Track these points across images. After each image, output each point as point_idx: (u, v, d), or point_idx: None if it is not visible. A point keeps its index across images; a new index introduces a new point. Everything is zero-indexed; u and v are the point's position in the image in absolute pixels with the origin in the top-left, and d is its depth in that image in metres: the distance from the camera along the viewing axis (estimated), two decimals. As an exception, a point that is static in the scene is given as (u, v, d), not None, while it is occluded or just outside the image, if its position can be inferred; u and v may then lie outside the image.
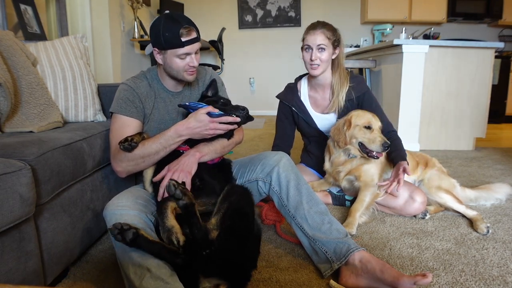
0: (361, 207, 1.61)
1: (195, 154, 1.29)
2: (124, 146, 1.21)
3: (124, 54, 4.16)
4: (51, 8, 3.12)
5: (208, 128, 1.24)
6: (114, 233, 0.98)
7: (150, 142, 1.26)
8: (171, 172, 1.23)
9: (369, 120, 1.63)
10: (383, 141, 1.58)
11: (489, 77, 3.14)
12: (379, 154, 1.62)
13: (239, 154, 3.00)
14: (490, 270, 1.24)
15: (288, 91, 1.98)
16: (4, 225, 0.88)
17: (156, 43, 1.31)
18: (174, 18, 1.27)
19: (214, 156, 1.35)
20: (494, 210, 1.77)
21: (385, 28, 5.15)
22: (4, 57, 1.37)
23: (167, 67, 1.36)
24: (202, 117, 1.23)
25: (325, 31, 1.74)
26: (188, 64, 1.32)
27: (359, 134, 1.64)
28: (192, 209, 1.04)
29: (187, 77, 1.37)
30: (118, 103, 1.36)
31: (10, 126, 1.34)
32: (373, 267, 1.12)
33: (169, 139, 1.26)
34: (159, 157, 1.28)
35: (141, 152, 1.25)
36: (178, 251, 1.03)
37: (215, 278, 1.04)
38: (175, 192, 1.01)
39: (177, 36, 1.25)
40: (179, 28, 1.25)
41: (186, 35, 1.27)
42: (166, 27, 1.26)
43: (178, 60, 1.31)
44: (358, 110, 1.73)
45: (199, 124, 1.23)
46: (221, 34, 4.83)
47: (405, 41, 2.95)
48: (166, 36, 1.26)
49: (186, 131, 1.25)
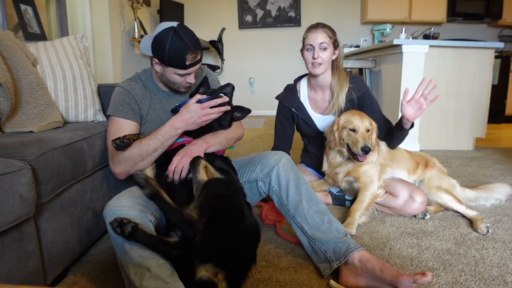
0: (360, 207, 1.61)
1: (202, 144, 1.31)
2: (117, 144, 1.22)
3: (124, 54, 4.16)
4: (51, 8, 3.12)
5: (201, 115, 1.28)
6: (113, 226, 1.01)
7: (147, 139, 1.27)
8: (179, 157, 1.25)
9: (354, 123, 1.61)
10: (363, 144, 1.55)
11: (489, 77, 3.14)
12: (361, 157, 1.59)
13: (239, 154, 2.99)
14: (490, 270, 1.24)
15: (287, 92, 1.98)
16: (4, 225, 0.88)
17: (159, 56, 1.31)
18: (182, 37, 1.27)
19: (219, 147, 1.38)
20: (494, 210, 1.78)
21: (385, 28, 5.15)
22: (4, 57, 1.37)
23: (164, 78, 1.39)
24: (193, 106, 1.27)
25: (326, 30, 1.76)
26: (186, 80, 1.37)
27: (345, 136, 1.64)
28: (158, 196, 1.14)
29: (182, 90, 1.44)
30: (114, 105, 1.38)
31: (10, 126, 1.34)
32: (373, 266, 1.12)
33: (166, 134, 1.28)
34: (157, 154, 1.29)
35: (139, 150, 1.25)
36: (174, 244, 1.04)
37: (212, 265, 1.02)
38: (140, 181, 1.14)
39: (182, 60, 1.28)
40: (186, 52, 1.27)
41: (191, 60, 1.30)
42: (172, 46, 1.26)
43: (177, 76, 1.35)
44: (348, 111, 1.73)
45: (191, 114, 1.27)
46: (221, 34, 4.83)
47: (405, 41, 2.95)
48: (172, 56, 1.27)
49: (181, 123, 1.28)
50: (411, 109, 1.62)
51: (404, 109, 1.63)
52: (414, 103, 1.61)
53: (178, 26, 1.29)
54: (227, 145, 1.43)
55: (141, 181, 1.14)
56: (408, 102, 1.62)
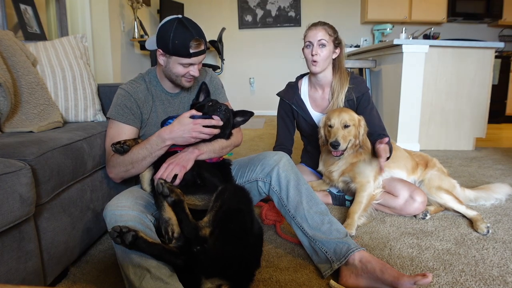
0: (358, 209, 1.61)
1: (193, 151, 1.29)
2: (116, 148, 1.22)
3: (124, 54, 4.16)
4: (51, 8, 3.12)
5: (191, 130, 1.22)
6: (113, 236, 0.99)
7: (138, 148, 1.26)
8: (167, 164, 1.23)
9: (331, 119, 1.63)
10: (334, 139, 1.57)
11: (489, 77, 3.14)
12: (334, 152, 1.60)
13: (239, 154, 2.99)
14: (490, 270, 1.24)
15: (288, 89, 1.99)
16: (4, 225, 0.88)
17: (163, 45, 1.30)
18: (186, 25, 1.26)
19: (212, 155, 1.34)
20: (494, 210, 1.77)
21: (385, 28, 5.15)
22: (4, 57, 1.37)
23: (167, 70, 1.36)
24: (186, 120, 1.22)
25: (326, 28, 1.76)
26: (189, 72, 1.34)
27: (327, 133, 1.67)
28: (181, 205, 1.08)
29: (185, 83, 1.39)
30: (115, 109, 1.37)
31: (10, 126, 1.34)
32: (373, 267, 1.12)
33: (153, 144, 1.25)
34: (146, 163, 1.27)
35: (130, 157, 1.26)
36: (178, 252, 1.03)
37: (217, 278, 1.04)
38: (163, 190, 1.06)
39: (186, 46, 1.26)
40: (190, 39, 1.25)
41: (195, 47, 1.28)
42: (177, 33, 1.25)
43: (181, 67, 1.32)
44: (332, 109, 1.74)
45: (182, 128, 1.22)
46: (221, 34, 4.83)
47: (405, 41, 2.94)
48: (176, 43, 1.26)
49: (169, 135, 1.23)
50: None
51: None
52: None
53: (182, 17, 1.29)
54: (222, 153, 1.39)
55: (165, 190, 1.07)
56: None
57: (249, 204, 1.23)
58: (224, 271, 1.05)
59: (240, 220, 1.14)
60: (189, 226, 1.06)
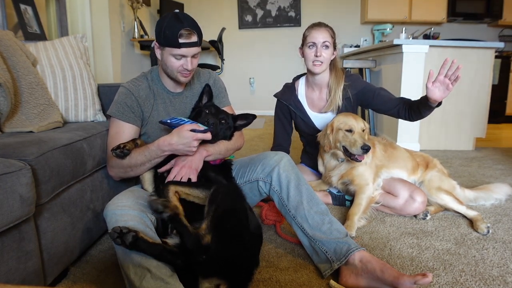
0: (358, 211, 1.61)
1: (202, 152, 1.30)
2: (116, 153, 1.23)
3: (124, 54, 4.16)
4: (51, 8, 3.12)
5: (191, 146, 1.21)
6: (113, 237, 0.99)
7: (137, 153, 1.27)
8: (179, 167, 1.25)
9: (349, 123, 1.62)
10: (363, 143, 1.55)
11: (489, 77, 3.14)
12: (360, 157, 1.60)
13: (239, 154, 2.99)
14: (490, 270, 1.24)
15: (285, 90, 1.99)
16: (4, 225, 0.88)
17: (157, 37, 1.32)
18: (179, 17, 1.27)
19: (218, 157, 1.37)
20: (494, 210, 1.77)
21: (385, 28, 5.15)
22: (4, 57, 1.37)
23: (163, 64, 1.38)
24: (186, 134, 1.19)
25: (329, 30, 1.78)
26: (182, 65, 1.33)
27: (342, 138, 1.64)
28: (177, 219, 1.06)
29: (180, 78, 1.38)
30: (116, 107, 1.38)
31: (10, 126, 1.34)
32: (373, 267, 1.12)
33: (152, 153, 1.25)
34: (145, 168, 1.29)
35: (128, 161, 1.27)
36: (178, 252, 1.03)
37: (215, 278, 1.04)
38: (157, 207, 1.06)
39: (175, 36, 1.26)
40: (180, 28, 1.25)
41: (185, 38, 1.27)
42: (168, 24, 1.27)
43: (174, 59, 1.32)
44: (340, 114, 1.73)
45: (182, 141, 1.20)
46: (221, 34, 4.82)
47: (405, 41, 2.94)
48: (166, 33, 1.27)
49: (168, 147, 1.22)
50: (437, 91, 1.53)
51: (430, 92, 1.54)
52: (440, 85, 1.53)
53: (179, 12, 1.31)
54: (226, 155, 1.42)
55: (159, 207, 1.06)
56: (433, 84, 1.53)
57: (242, 202, 1.23)
58: (222, 270, 1.05)
59: (235, 220, 1.14)
60: (190, 238, 1.04)
